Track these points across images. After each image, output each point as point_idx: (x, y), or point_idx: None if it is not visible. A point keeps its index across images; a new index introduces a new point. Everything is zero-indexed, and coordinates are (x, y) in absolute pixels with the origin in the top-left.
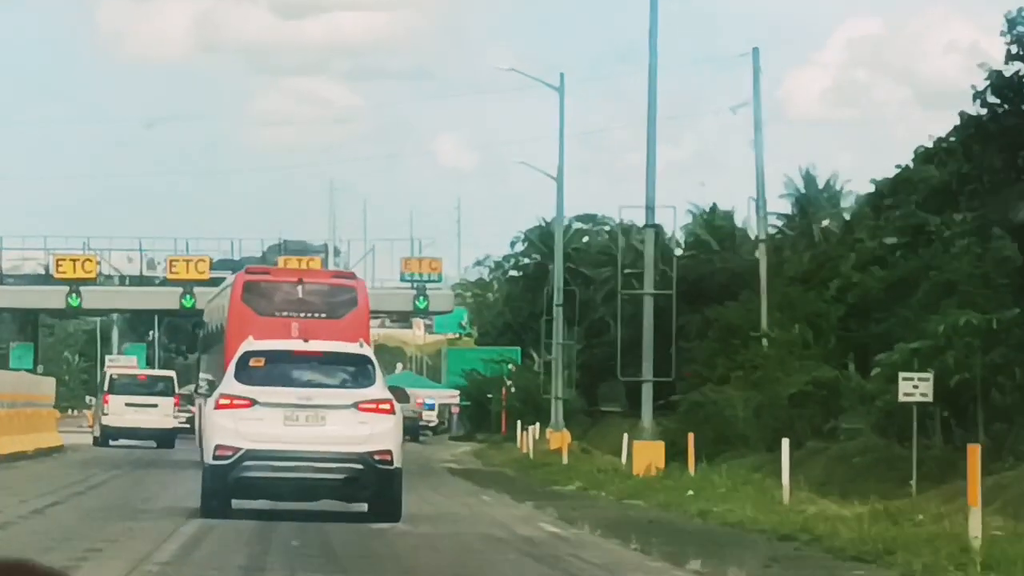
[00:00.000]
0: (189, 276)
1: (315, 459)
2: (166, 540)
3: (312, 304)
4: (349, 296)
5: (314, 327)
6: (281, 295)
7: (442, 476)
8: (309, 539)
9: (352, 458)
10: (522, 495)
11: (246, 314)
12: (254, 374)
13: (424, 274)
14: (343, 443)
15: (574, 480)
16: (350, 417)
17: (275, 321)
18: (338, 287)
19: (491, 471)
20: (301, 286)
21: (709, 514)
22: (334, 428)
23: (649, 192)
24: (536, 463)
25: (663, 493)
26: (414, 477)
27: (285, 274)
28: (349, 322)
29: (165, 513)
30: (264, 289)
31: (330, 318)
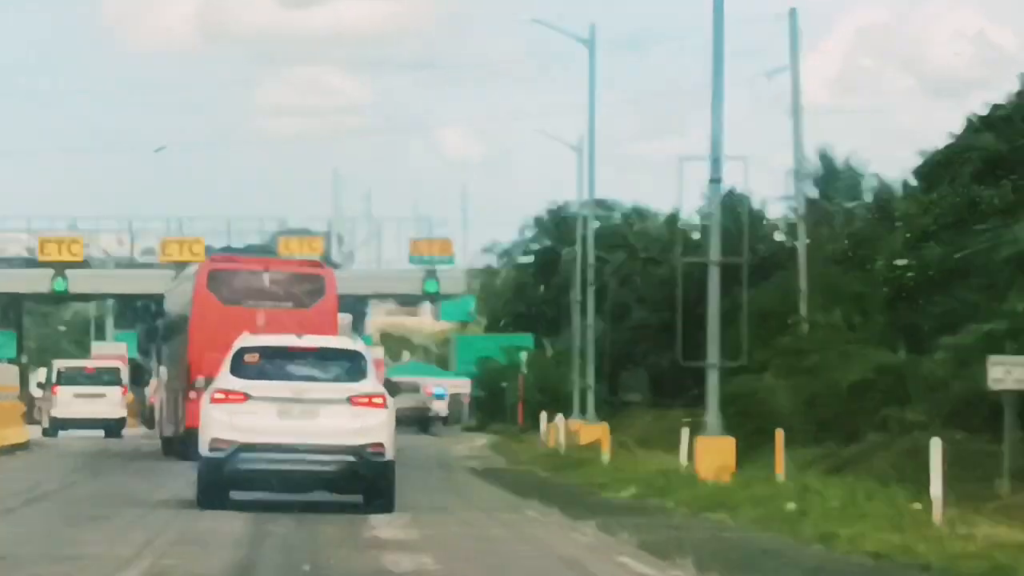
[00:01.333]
0: (183, 258)
1: (309, 451)
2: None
3: (278, 293)
4: (316, 285)
5: (280, 317)
6: (246, 284)
7: (466, 478)
8: None
9: (345, 450)
10: (573, 508)
11: (210, 303)
12: (249, 369)
13: (434, 256)
14: (336, 436)
15: (625, 485)
16: (343, 411)
17: (240, 311)
18: (305, 276)
19: (520, 471)
20: (267, 275)
21: (834, 539)
22: (327, 421)
23: (715, 132)
24: (570, 461)
25: (752, 506)
26: (434, 480)
27: (251, 263)
28: (316, 312)
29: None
30: (229, 278)
31: (297, 308)
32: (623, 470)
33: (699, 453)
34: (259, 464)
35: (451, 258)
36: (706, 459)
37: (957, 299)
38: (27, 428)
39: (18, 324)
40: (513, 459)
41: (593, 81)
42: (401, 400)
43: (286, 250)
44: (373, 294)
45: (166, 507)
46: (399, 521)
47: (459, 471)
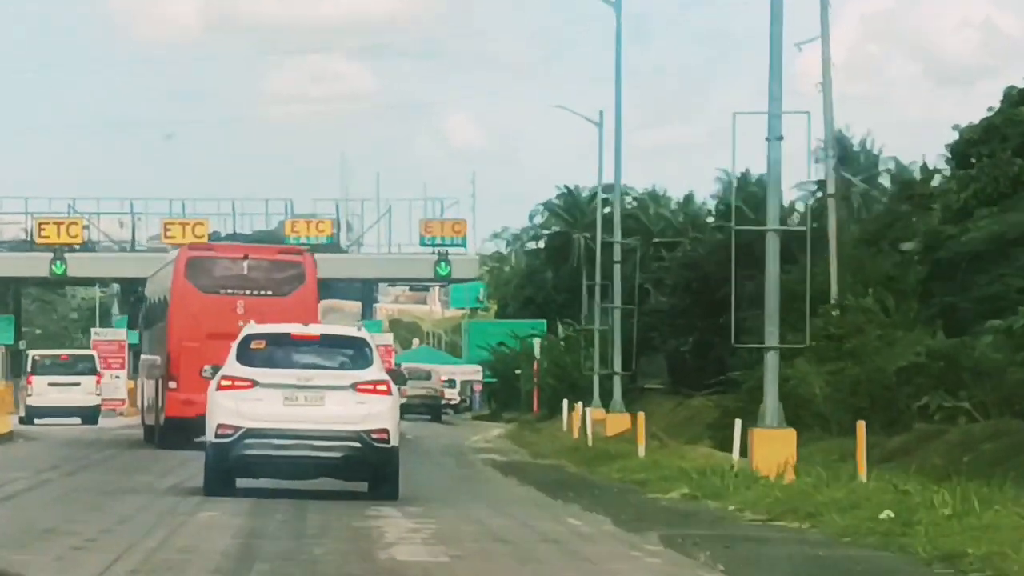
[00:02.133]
0: (186, 240)
1: (314, 438)
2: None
3: (258, 281)
4: (296, 272)
5: (259, 305)
6: (225, 272)
7: (488, 474)
8: None
9: (350, 437)
10: (621, 512)
11: (189, 292)
12: (255, 356)
13: (446, 238)
14: (341, 422)
15: (671, 483)
16: (348, 398)
17: (219, 299)
18: (285, 263)
19: (546, 466)
20: (246, 262)
21: (962, 559)
22: (332, 408)
23: (773, 88)
24: (600, 454)
25: (836, 512)
26: (452, 476)
27: (230, 250)
28: (296, 300)
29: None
30: (208, 266)
31: (276, 296)
32: (663, 465)
33: (755, 447)
34: (265, 450)
35: (464, 239)
36: (764, 454)
37: (1002, 278)
38: (9, 418)
39: (16, 309)
40: (535, 451)
41: (619, 46)
42: (412, 387)
43: (293, 233)
44: (383, 278)
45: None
46: (420, 535)
47: (478, 465)
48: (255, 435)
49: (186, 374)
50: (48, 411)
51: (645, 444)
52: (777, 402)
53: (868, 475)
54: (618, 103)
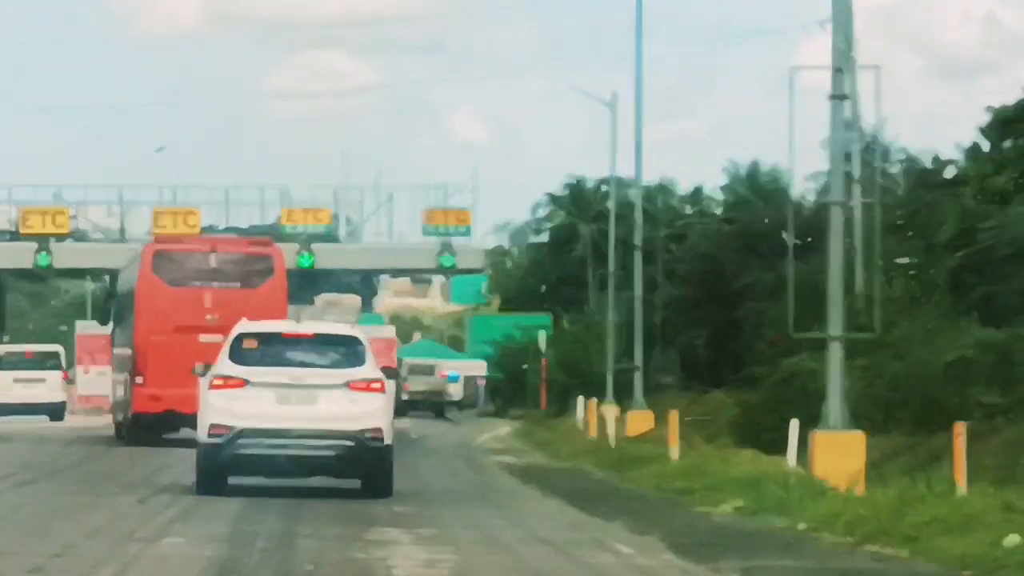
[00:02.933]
0: (177, 230)
1: (307, 436)
2: None
3: (226, 273)
4: (265, 265)
5: (228, 297)
6: (193, 264)
7: (504, 481)
8: None
9: (343, 435)
10: (676, 534)
11: (156, 285)
12: (247, 355)
13: (450, 227)
14: (334, 421)
15: (720, 494)
16: (341, 396)
17: (186, 292)
18: (253, 255)
19: (569, 470)
20: (214, 255)
21: None
22: (326, 407)
23: (836, 40)
24: (625, 457)
25: (943, 535)
26: (464, 483)
27: (197, 243)
28: (265, 292)
29: None
30: (175, 258)
31: (245, 288)
32: (704, 471)
33: (817, 452)
34: (258, 449)
35: (468, 229)
36: (828, 460)
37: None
38: None
39: (0, 301)
40: (552, 452)
41: (640, 15)
42: (414, 383)
43: (289, 222)
44: (384, 269)
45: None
46: (438, 571)
47: (492, 469)
48: (248, 435)
49: (153, 369)
50: (12, 408)
51: (679, 446)
52: (842, 400)
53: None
54: (639, 76)
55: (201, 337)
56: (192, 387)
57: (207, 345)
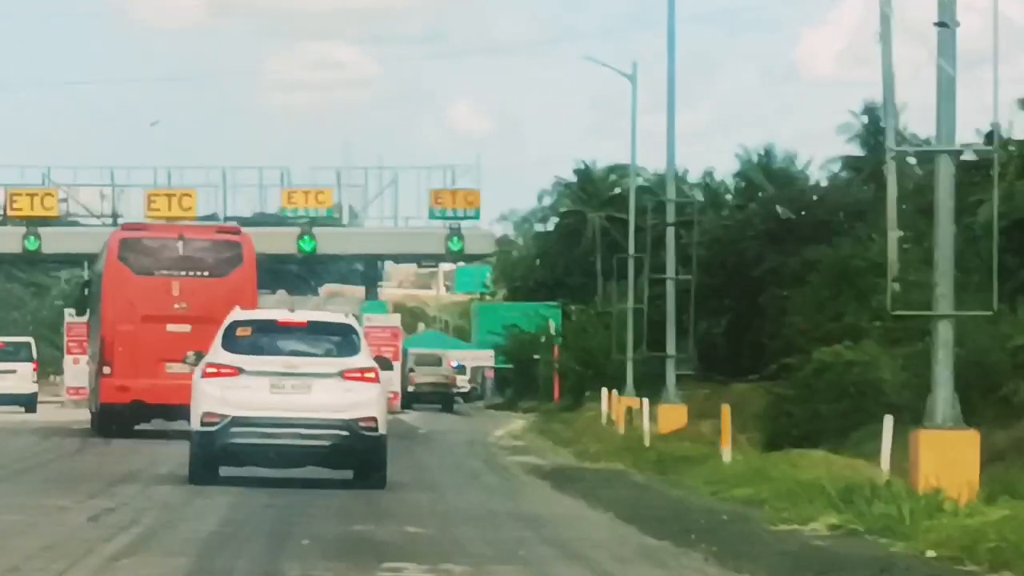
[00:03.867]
0: (172, 213)
1: (301, 426)
2: None
3: (194, 262)
4: (234, 253)
5: (196, 286)
6: (160, 253)
7: (535, 489)
8: None
9: (337, 425)
10: (781, 571)
11: (122, 273)
12: (241, 343)
13: (458, 210)
14: (328, 410)
15: (805, 509)
16: (335, 385)
17: (153, 281)
18: (222, 243)
19: (605, 473)
20: (181, 242)
21: None
22: (319, 396)
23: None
24: (665, 457)
25: None
26: (487, 491)
27: (164, 230)
28: (234, 281)
29: None
30: (141, 246)
31: (213, 276)
32: (767, 477)
33: (922, 455)
34: (251, 438)
35: (478, 212)
36: (936, 465)
37: None
38: None
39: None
40: (579, 451)
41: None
42: (421, 374)
43: (290, 205)
44: (389, 254)
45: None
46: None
47: (516, 471)
48: (241, 423)
49: (120, 359)
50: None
51: (732, 446)
52: (952, 392)
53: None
54: (672, 45)
55: (169, 327)
56: (160, 377)
57: (175, 335)
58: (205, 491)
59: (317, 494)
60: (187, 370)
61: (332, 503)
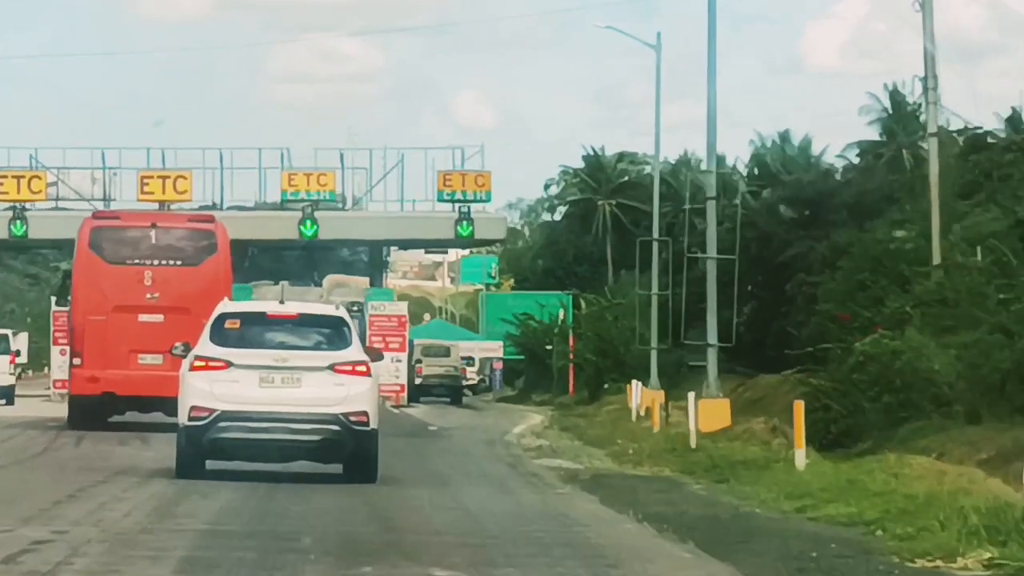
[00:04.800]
0: (166, 197)
1: (291, 420)
2: None
3: (166, 251)
4: (207, 241)
5: (169, 276)
6: (132, 242)
7: (576, 504)
8: None
9: (328, 419)
10: None
11: (94, 263)
12: (229, 336)
13: (468, 192)
14: (319, 404)
15: (939, 538)
16: (326, 379)
17: (125, 271)
18: (195, 232)
19: (652, 482)
20: (154, 231)
21: None
22: (310, 390)
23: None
24: (719, 460)
25: None
26: (523, 513)
27: (136, 219)
28: (208, 270)
29: None
30: (113, 235)
31: (186, 265)
32: (864, 490)
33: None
34: (240, 433)
35: (489, 195)
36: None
37: None
38: None
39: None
40: (616, 453)
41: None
42: (429, 366)
43: (291, 187)
44: (395, 239)
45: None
46: None
47: (550, 480)
48: (230, 418)
49: (91, 349)
50: None
51: (803, 450)
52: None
53: None
54: (712, 14)
55: (141, 317)
56: (131, 368)
57: (147, 325)
58: (168, 526)
59: (325, 520)
60: (159, 361)
61: (344, 531)
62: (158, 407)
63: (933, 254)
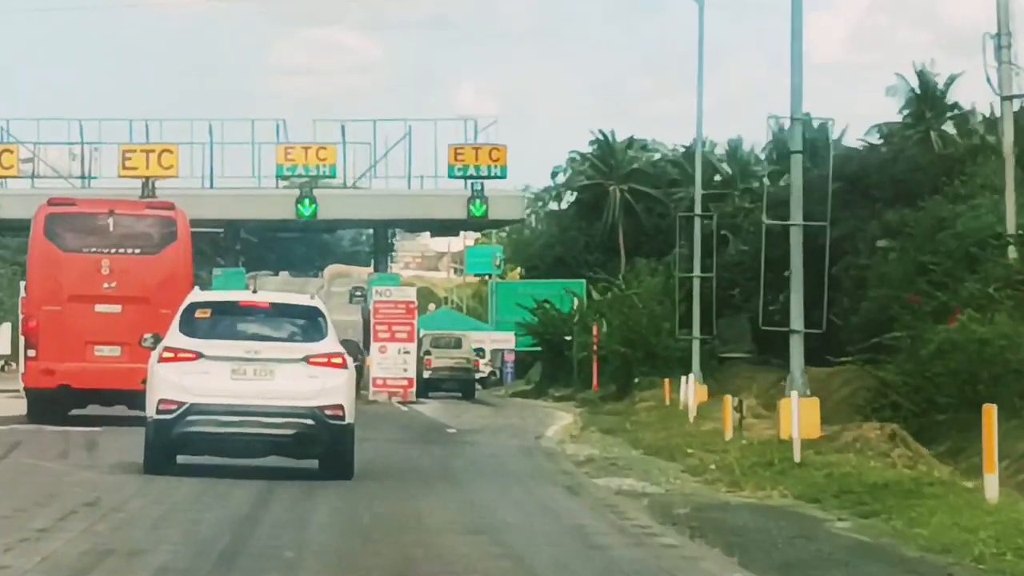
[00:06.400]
0: (150, 172)
1: (263, 414)
2: None
3: (124, 239)
4: (167, 229)
5: (127, 264)
6: (89, 229)
7: (704, 567)
8: None
9: (302, 413)
10: None
11: (50, 251)
12: (200, 326)
13: (481, 167)
14: (292, 398)
15: None
16: (300, 371)
17: (81, 259)
18: (154, 219)
19: (769, 515)
20: (111, 218)
21: None
22: (283, 382)
23: None
24: (843, 483)
25: None
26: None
27: (93, 205)
28: (167, 258)
29: None
30: (68, 223)
31: (145, 254)
32: None
33: None
34: (210, 427)
35: (504, 170)
36: None
37: None
38: None
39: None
40: (693, 467)
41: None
42: (438, 358)
43: (287, 162)
44: (401, 219)
45: None
46: None
47: (634, 514)
48: (200, 411)
49: (46, 341)
50: None
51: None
52: None
53: None
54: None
55: (97, 307)
56: (87, 360)
57: (104, 316)
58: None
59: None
60: (116, 353)
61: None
62: (121, 400)
63: (1008, 230)
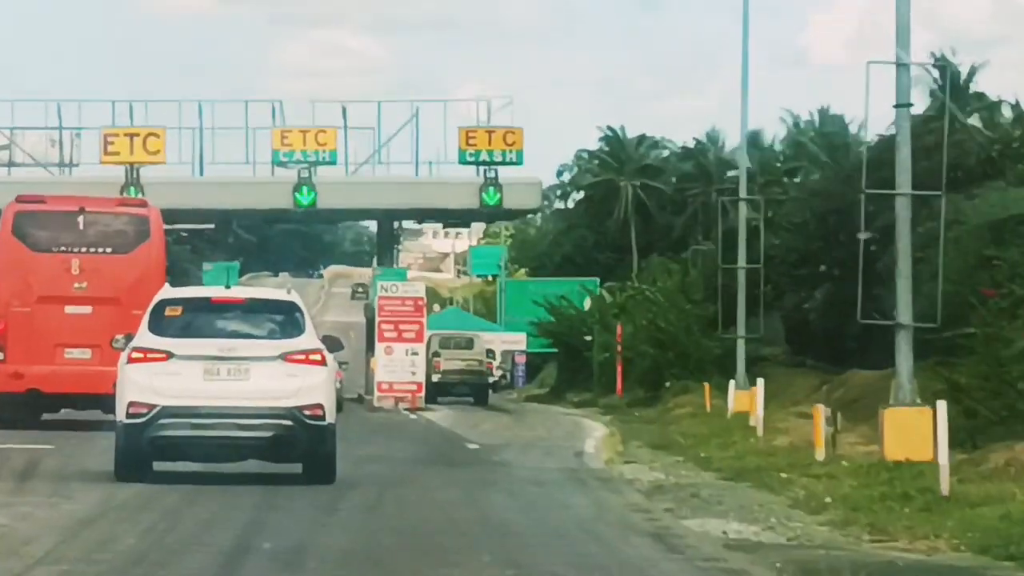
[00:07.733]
0: (135, 158)
1: (239, 416)
2: None
3: (95, 237)
4: (140, 228)
5: (98, 263)
6: (59, 228)
7: None
8: None
9: (280, 414)
10: None
11: (18, 251)
12: (170, 324)
13: (495, 152)
14: (269, 398)
15: None
16: (277, 369)
17: (51, 258)
18: (126, 217)
19: (930, 574)
20: (82, 216)
21: None
22: (259, 382)
23: None
24: (987, 523)
25: None
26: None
27: (63, 203)
28: (139, 257)
29: None
30: (38, 221)
31: (117, 253)
32: None
33: None
34: (183, 431)
35: (520, 155)
36: None
37: None
38: None
39: None
40: (798, 500)
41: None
42: (448, 360)
43: (284, 146)
44: (408, 209)
45: None
46: None
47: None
48: (171, 414)
49: (14, 343)
50: None
51: None
52: None
53: None
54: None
55: (67, 308)
56: (57, 363)
57: (74, 317)
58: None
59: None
60: (87, 356)
61: None
62: (94, 404)
63: None
